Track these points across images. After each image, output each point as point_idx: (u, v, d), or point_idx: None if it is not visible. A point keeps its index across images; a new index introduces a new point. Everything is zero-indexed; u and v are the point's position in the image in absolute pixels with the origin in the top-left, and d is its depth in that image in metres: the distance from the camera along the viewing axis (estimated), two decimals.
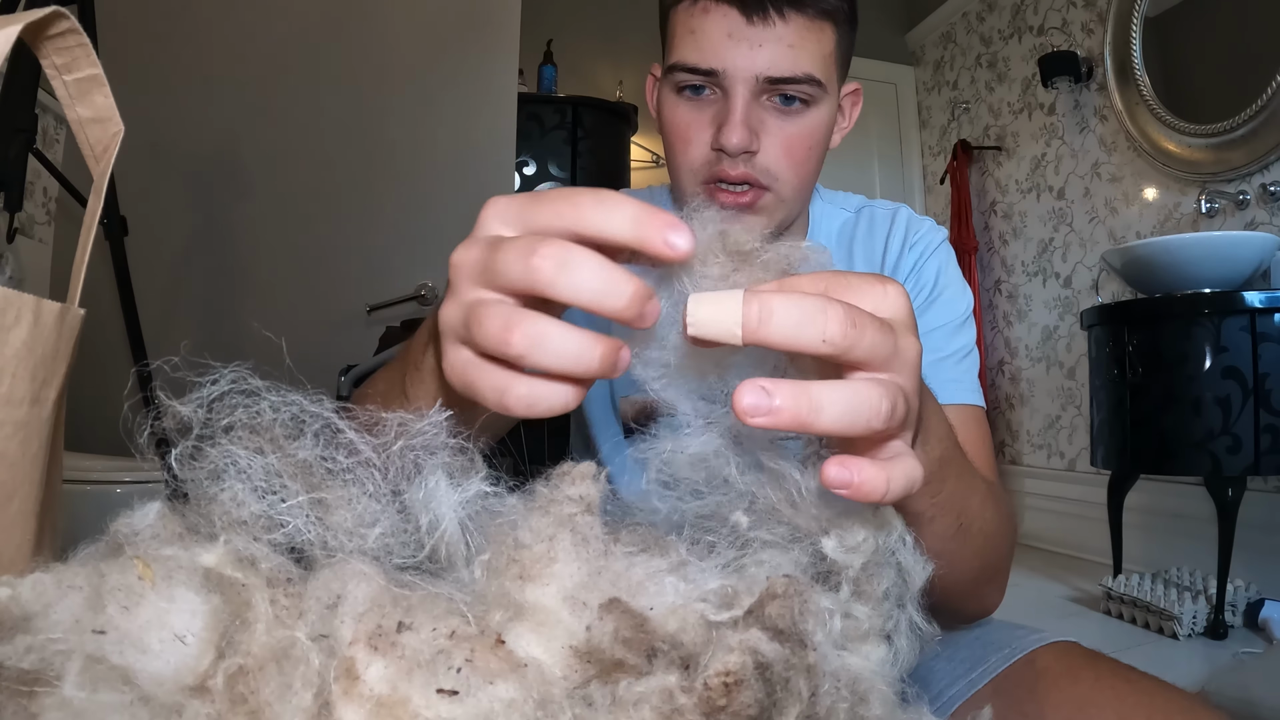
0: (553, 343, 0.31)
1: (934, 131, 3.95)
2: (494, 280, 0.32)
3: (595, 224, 0.31)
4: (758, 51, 0.62)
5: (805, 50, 0.63)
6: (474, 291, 0.33)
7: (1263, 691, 1.31)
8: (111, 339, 1.88)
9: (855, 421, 0.29)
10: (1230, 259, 2.02)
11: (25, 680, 0.22)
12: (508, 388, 0.32)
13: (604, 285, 0.30)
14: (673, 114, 0.68)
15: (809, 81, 0.64)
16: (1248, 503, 1.93)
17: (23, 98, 1.46)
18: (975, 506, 0.49)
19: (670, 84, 0.68)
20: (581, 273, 0.30)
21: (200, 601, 0.25)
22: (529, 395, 0.32)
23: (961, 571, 0.51)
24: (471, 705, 0.24)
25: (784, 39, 0.63)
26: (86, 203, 0.42)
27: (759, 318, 0.29)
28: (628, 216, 0.31)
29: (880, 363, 0.31)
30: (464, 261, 0.34)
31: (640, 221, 0.31)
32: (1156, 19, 2.66)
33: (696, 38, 0.64)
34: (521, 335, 0.30)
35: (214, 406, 0.31)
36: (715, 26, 0.63)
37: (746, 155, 0.65)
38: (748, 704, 0.25)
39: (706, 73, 0.64)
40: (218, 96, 2.32)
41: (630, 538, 0.32)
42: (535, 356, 0.31)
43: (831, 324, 0.29)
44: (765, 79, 0.63)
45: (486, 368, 0.33)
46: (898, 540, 0.35)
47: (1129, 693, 0.53)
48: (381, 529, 0.31)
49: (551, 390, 0.32)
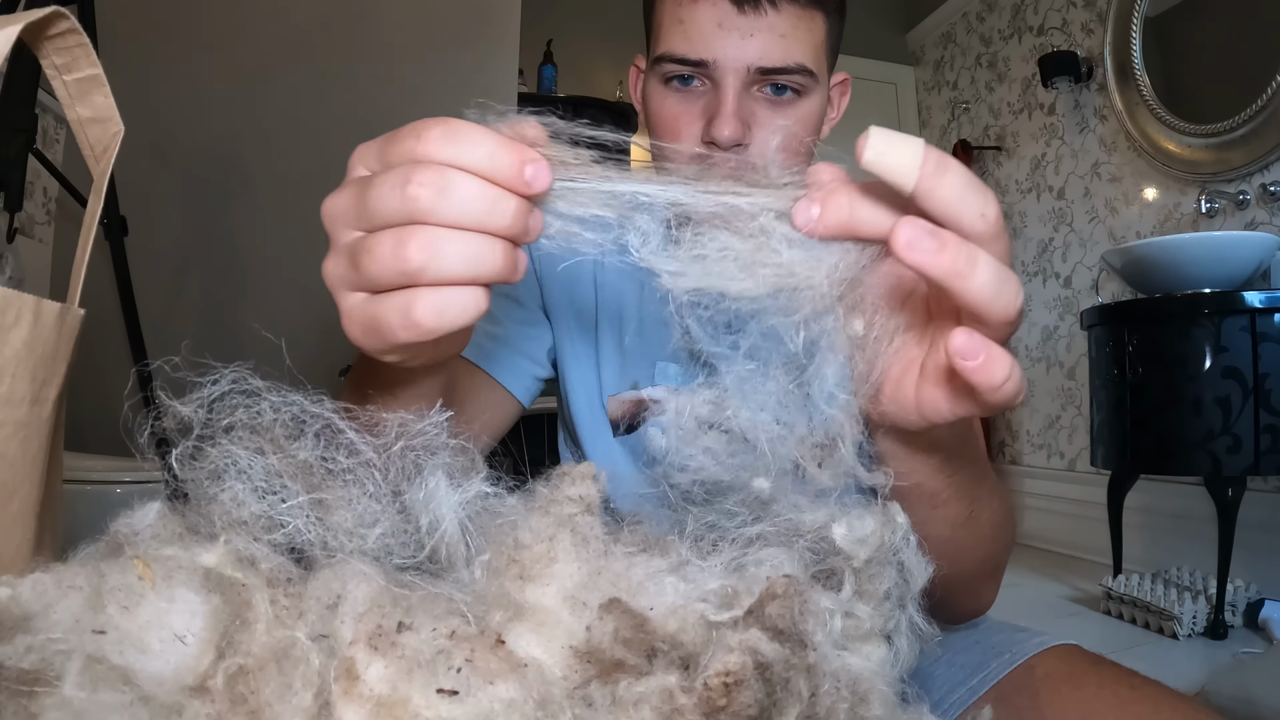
0: (451, 244, 0.30)
1: (934, 131, 3.95)
2: (371, 219, 0.31)
3: (450, 157, 0.30)
4: (749, 41, 0.61)
5: (797, 40, 0.62)
6: (352, 235, 0.32)
7: (1263, 691, 1.30)
8: (111, 339, 1.88)
9: (999, 299, 0.29)
10: (1230, 259, 2.02)
11: (25, 680, 0.22)
12: (410, 302, 0.31)
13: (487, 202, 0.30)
14: (660, 106, 0.67)
15: (801, 72, 0.63)
16: (1248, 503, 1.92)
17: (23, 98, 1.46)
18: (985, 495, 0.49)
19: (657, 75, 0.66)
20: (462, 192, 0.30)
21: (200, 601, 0.25)
22: (437, 301, 0.31)
23: (966, 563, 0.51)
24: (471, 705, 0.24)
25: (775, 28, 0.61)
26: (86, 203, 0.42)
27: (937, 166, 0.28)
28: (484, 151, 0.30)
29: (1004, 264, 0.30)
30: (335, 208, 0.33)
31: (495, 156, 0.30)
32: (1156, 19, 2.66)
33: (685, 27, 0.63)
34: (417, 246, 0.30)
35: (214, 407, 0.31)
36: (705, 16, 0.62)
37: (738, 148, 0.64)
38: (748, 704, 0.25)
39: (696, 63, 0.63)
40: (218, 96, 2.32)
41: (630, 538, 0.32)
42: (437, 263, 0.30)
43: (991, 204, 0.29)
44: (757, 69, 0.62)
45: (383, 297, 0.32)
46: (902, 539, 0.35)
47: (1134, 700, 0.52)
48: (382, 529, 0.31)
49: (459, 293, 0.31)
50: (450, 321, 0.31)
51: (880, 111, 3.98)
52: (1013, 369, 0.29)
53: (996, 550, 0.54)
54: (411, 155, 0.31)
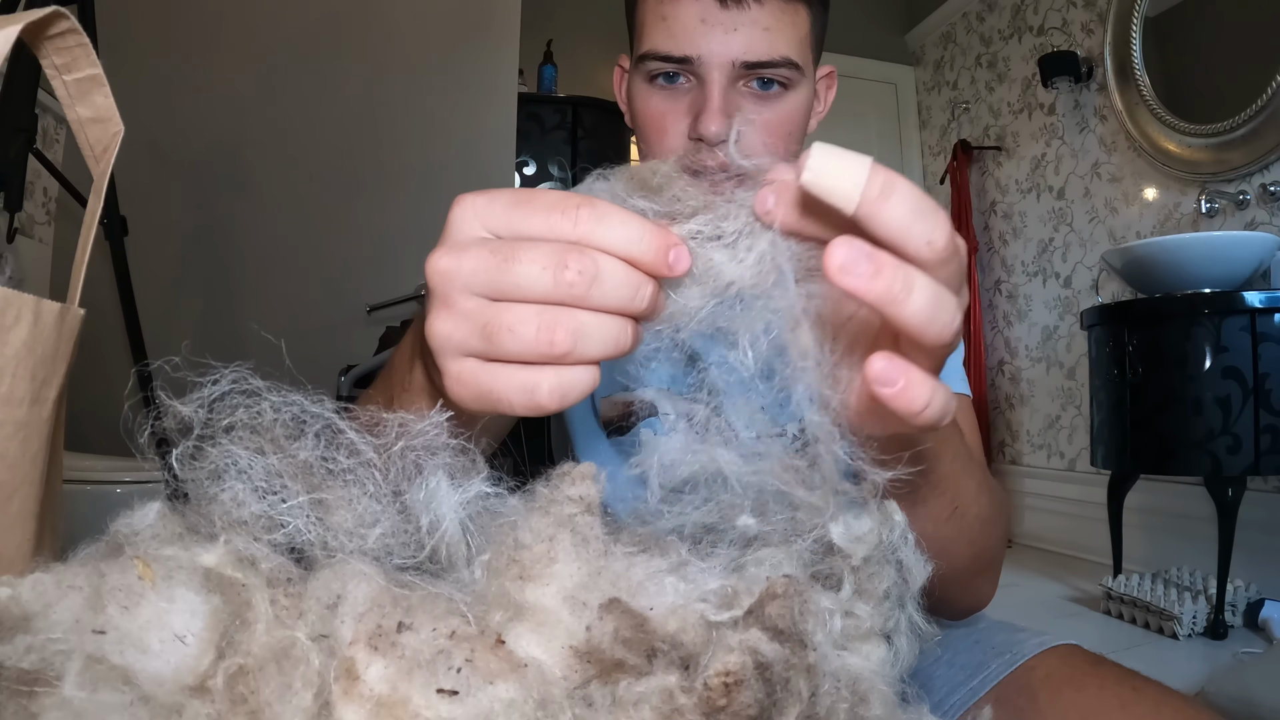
0: (596, 330, 0.30)
1: (934, 131, 3.95)
2: (512, 293, 0.31)
3: (601, 241, 0.30)
4: (732, 36, 0.61)
5: (781, 33, 0.62)
6: (474, 301, 0.32)
7: (1263, 691, 1.30)
8: (111, 339, 1.88)
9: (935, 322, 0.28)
10: (1230, 259, 2.02)
11: (25, 680, 0.22)
12: (537, 384, 0.31)
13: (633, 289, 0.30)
14: (646, 104, 0.66)
15: (786, 65, 0.63)
16: (1248, 503, 1.93)
17: (23, 98, 1.46)
18: (971, 491, 0.49)
19: (642, 73, 0.66)
20: (612, 279, 0.30)
21: (200, 601, 0.25)
22: (561, 385, 0.31)
23: (955, 559, 0.51)
24: (471, 705, 0.24)
25: (759, 22, 0.61)
26: (86, 203, 0.42)
27: (882, 190, 0.27)
28: (630, 235, 0.30)
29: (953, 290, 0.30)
30: (456, 270, 0.32)
31: (642, 240, 0.30)
32: (1156, 19, 2.66)
33: (669, 24, 0.62)
34: (565, 332, 0.30)
35: (215, 407, 0.31)
36: (687, 12, 0.61)
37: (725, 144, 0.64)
38: (748, 704, 0.25)
39: (680, 60, 0.62)
40: (218, 97, 2.32)
41: (630, 538, 0.32)
42: (581, 348, 0.30)
43: (940, 230, 0.28)
44: (741, 64, 0.62)
45: (505, 371, 0.32)
46: (900, 537, 0.35)
47: (1134, 701, 0.52)
48: (382, 529, 0.31)
49: (578, 374, 0.31)
50: (569, 402, 0.31)
51: (880, 112, 3.99)
52: (933, 395, 0.28)
53: (987, 546, 0.54)
54: (559, 234, 0.31)
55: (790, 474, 0.33)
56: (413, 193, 2.41)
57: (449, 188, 2.79)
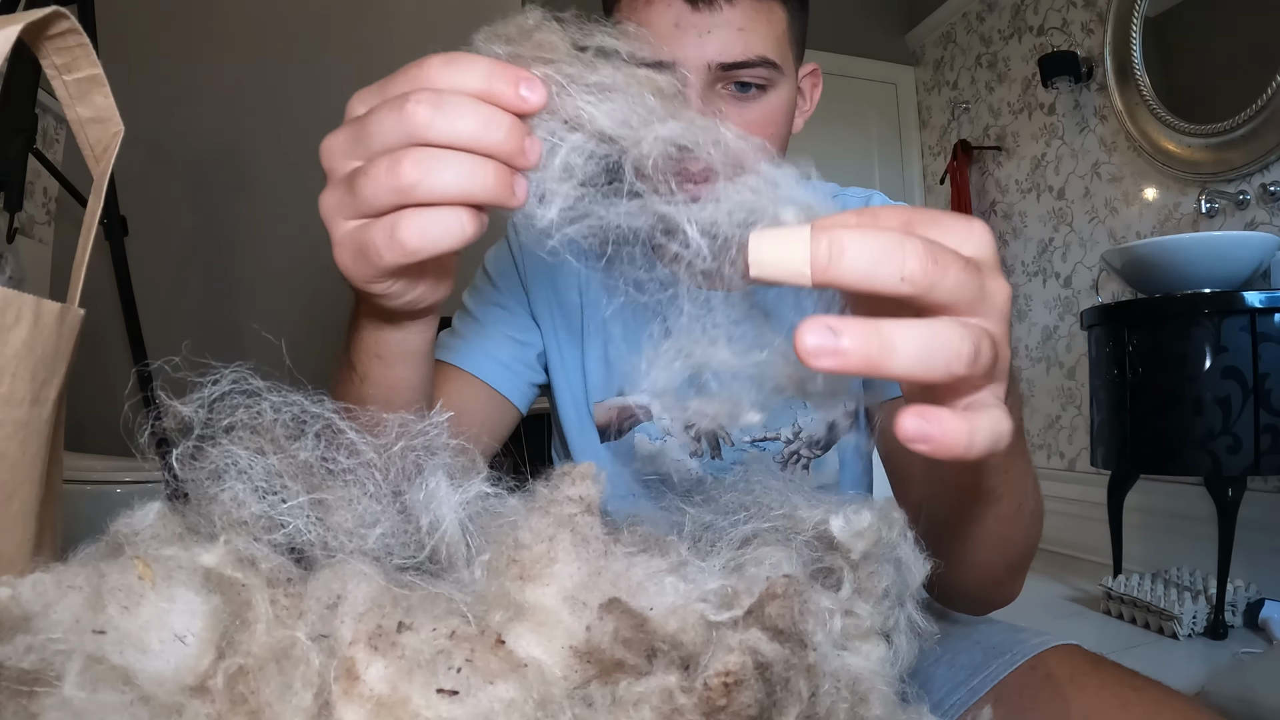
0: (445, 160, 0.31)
1: (934, 131, 3.95)
2: (370, 146, 0.32)
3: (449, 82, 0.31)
4: (707, 39, 0.61)
5: (756, 33, 0.62)
6: (350, 165, 0.34)
7: (1263, 691, 1.30)
8: (111, 339, 1.88)
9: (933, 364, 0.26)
10: (1230, 259, 2.02)
11: (25, 680, 0.22)
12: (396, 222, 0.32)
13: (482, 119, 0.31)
14: None
15: (764, 64, 0.62)
16: (1248, 503, 1.92)
17: (23, 98, 1.46)
18: (1030, 488, 0.50)
19: None
20: (457, 109, 0.31)
21: (200, 601, 0.25)
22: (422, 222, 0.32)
23: (1012, 553, 0.52)
24: (471, 705, 0.24)
25: (732, 23, 0.61)
26: (86, 203, 0.42)
27: (829, 255, 0.26)
28: (479, 72, 0.31)
29: (965, 305, 0.28)
30: (334, 143, 0.34)
31: (492, 74, 0.31)
32: (1156, 19, 2.66)
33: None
34: (411, 163, 0.31)
35: (215, 407, 0.31)
36: (660, 18, 0.61)
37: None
38: (748, 704, 0.25)
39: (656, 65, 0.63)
40: (218, 97, 2.32)
41: (630, 538, 0.32)
42: (429, 180, 0.31)
43: (911, 260, 0.26)
44: (718, 66, 0.61)
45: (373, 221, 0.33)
46: (899, 534, 0.35)
47: (1135, 701, 0.52)
48: (382, 529, 0.31)
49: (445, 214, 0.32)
50: (434, 242, 0.32)
51: (880, 112, 3.99)
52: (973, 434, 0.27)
53: (1034, 539, 0.55)
54: (412, 83, 0.32)
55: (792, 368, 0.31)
56: None
57: None
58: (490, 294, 0.79)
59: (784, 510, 0.36)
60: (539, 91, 0.32)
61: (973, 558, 0.51)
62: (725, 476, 0.59)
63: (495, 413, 0.76)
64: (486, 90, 0.31)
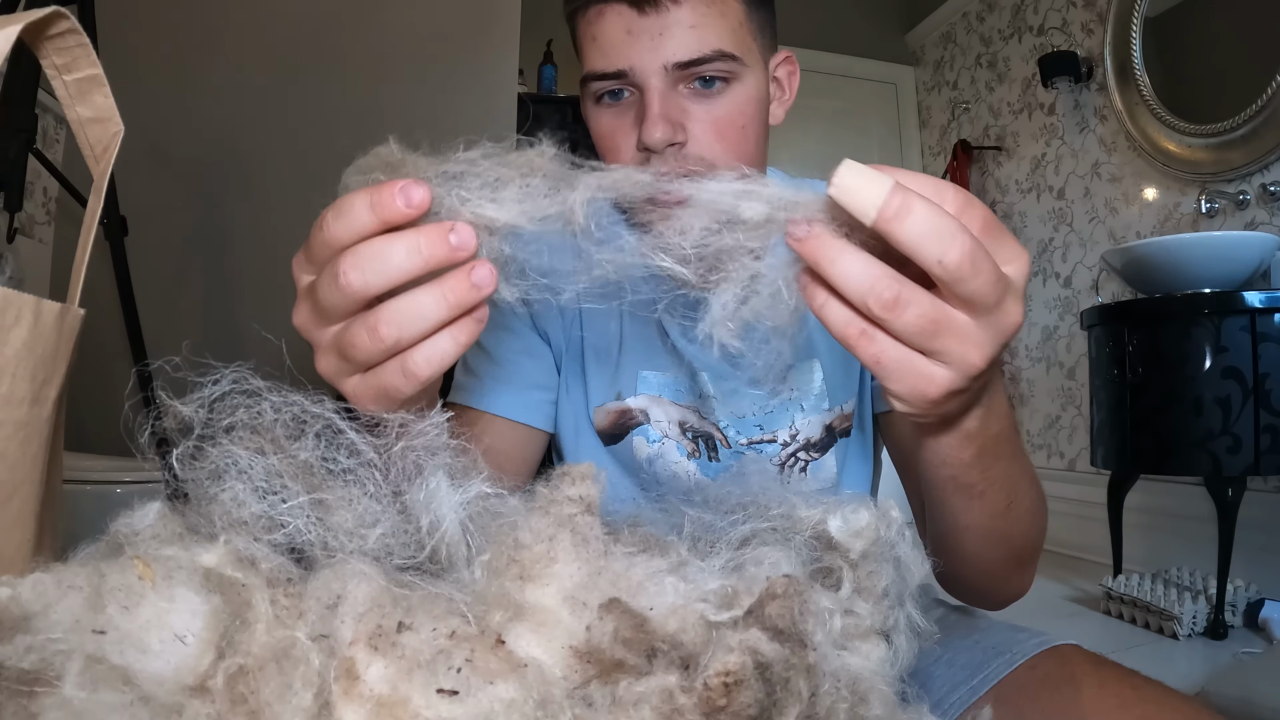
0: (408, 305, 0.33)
1: (934, 131, 3.95)
2: (329, 316, 0.35)
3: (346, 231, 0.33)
4: (659, 41, 0.61)
5: (709, 27, 0.62)
6: (325, 332, 0.36)
7: (1263, 691, 1.31)
8: (111, 339, 1.88)
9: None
10: (1230, 259, 2.02)
11: (25, 680, 0.22)
12: (404, 363, 0.35)
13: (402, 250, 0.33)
14: (597, 124, 0.67)
15: (722, 58, 0.62)
16: (1248, 503, 1.92)
17: (23, 98, 1.46)
18: (1024, 487, 0.51)
19: (589, 96, 0.67)
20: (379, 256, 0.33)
21: (200, 601, 0.25)
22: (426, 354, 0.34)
23: (1007, 550, 0.54)
24: (471, 705, 0.24)
25: (683, 21, 0.61)
26: (86, 203, 0.42)
27: (897, 210, 0.30)
28: (364, 208, 0.33)
29: (978, 308, 0.32)
30: (302, 321, 0.37)
31: (375, 205, 0.33)
32: (1156, 19, 2.66)
33: (599, 43, 0.63)
34: (384, 324, 0.33)
35: (215, 407, 0.31)
36: (612, 27, 0.62)
37: (675, 148, 0.63)
38: (748, 704, 0.25)
39: (615, 75, 0.63)
40: (217, 96, 2.32)
41: (630, 538, 0.32)
42: (407, 327, 0.33)
43: (954, 249, 0.30)
44: (674, 65, 0.61)
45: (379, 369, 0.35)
46: (897, 533, 0.35)
47: (1134, 701, 0.52)
48: (382, 529, 0.31)
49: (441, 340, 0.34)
50: (442, 362, 0.35)
51: (880, 112, 3.99)
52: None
53: (1034, 535, 0.56)
54: (324, 247, 0.34)
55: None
56: None
57: None
58: (495, 318, 0.78)
59: (782, 510, 0.37)
60: (419, 190, 0.33)
61: (967, 549, 0.54)
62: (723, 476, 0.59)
63: (530, 445, 0.76)
64: (379, 220, 0.33)
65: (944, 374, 0.34)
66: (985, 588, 0.61)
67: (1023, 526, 0.53)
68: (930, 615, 0.37)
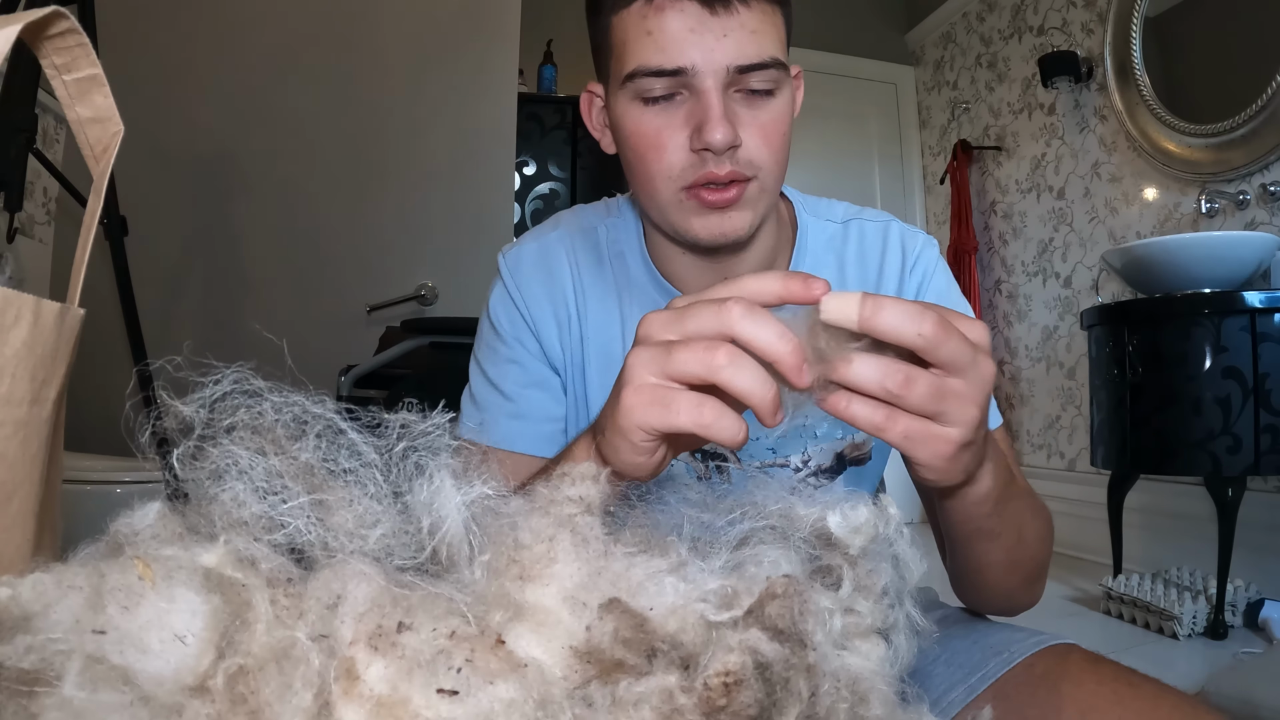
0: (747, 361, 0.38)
1: (934, 131, 3.95)
2: (672, 372, 0.39)
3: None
4: (723, 42, 0.60)
5: (766, 34, 0.62)
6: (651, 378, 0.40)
7: (1263, 691, 1.31)
8: (111, 339, 1.88)
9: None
10: (1230, 259, 2.02)
11: (25, 680, 0.22)
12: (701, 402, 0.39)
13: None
14: (639, 123, 0.64)
15: (775, 65, 0.62)
16: (1248, 503, 1.92)
17: (23, 98, 1.46)
18: (1029, 520, 0.58)
19: (630, 93, 0.64)
20: (745, 371, 0.38)
21: (200, 601, 0.25)
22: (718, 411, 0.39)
23: (1022, 574, 0.61)
24: (471, 705, 0.24)
25: (747, 25, 0.61)
26: (86, 203, 0.42)
27: (873, 309, 0.37)
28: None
29: (960, 368, 0.39)
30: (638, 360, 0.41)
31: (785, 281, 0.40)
32: (1156, 19, 2.66)
33: (656, 38, 0.61)
34: (725, 352, 0.38)
35: (216, 407, 0.31)
36: (676, 23, 0.60)
37: (730, 151, 0.62)
38: (748, 704, 0.25)
39: (673, 72, 0.61)
40: (218, 96, 2.32)
41: (630, 538, 0.32)
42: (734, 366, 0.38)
43: (926, 322, 0.37)
44: (735, 69, 0.61)
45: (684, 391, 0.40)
46: (895, 531, 0.35)
47: (1132, 698, 0.52)
48: (382, 530, 0.31)
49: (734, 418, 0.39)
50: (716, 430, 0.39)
51: (880, 112, 3.99)
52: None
53: (1043, 556, 0.63)
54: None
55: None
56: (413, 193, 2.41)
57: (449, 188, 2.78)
58: (504, 352, 0.77)
59: (781, 508, 0.37)
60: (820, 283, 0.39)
61: (987, 581, 0.62)
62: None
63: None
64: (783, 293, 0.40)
65: (953, 432, 0.40)
66: (1003, 606, 0.68)
67: (1032, 551, 0.60)
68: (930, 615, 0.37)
